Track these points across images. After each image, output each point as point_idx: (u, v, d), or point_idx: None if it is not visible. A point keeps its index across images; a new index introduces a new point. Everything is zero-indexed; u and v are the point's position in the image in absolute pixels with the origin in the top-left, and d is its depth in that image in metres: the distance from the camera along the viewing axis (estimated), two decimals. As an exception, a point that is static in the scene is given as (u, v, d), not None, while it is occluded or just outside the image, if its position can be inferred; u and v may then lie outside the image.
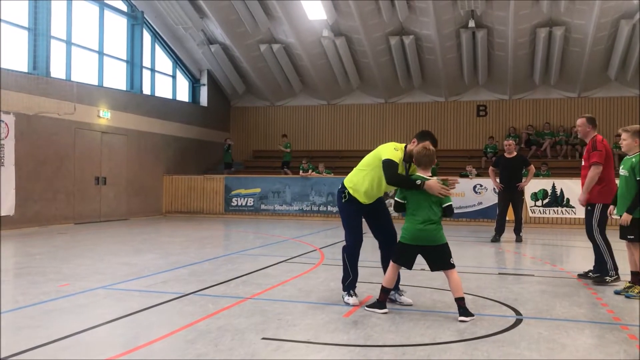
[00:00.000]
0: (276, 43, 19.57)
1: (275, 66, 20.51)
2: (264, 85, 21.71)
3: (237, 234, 13.51)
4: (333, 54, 19.52)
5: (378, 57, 19.42)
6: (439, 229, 5.17)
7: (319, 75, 20.75)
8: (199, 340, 4.30)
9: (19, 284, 6.74)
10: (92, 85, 15.87)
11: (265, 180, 18.21)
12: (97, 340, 4.44)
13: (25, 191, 13.26)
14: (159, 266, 7.89)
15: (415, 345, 4.29)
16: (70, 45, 15.34)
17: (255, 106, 22.86)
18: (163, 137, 18.83)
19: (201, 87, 21.65)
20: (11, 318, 5.06)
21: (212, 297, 5.88)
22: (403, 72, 20.16)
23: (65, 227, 14.01)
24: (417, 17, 17.63)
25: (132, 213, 17.06)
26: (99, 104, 15.86)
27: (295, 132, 22.07)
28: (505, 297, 6.03)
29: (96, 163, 15.71)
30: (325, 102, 22.01)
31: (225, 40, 19.56)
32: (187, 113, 20.53)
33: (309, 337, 4.48)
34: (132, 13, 17.92)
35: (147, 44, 18.92)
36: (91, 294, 5.99)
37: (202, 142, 21.16)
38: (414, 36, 18.38)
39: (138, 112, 17.52)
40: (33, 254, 9.18)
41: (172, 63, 20.54)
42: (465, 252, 10.10)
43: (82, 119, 14.94)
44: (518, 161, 11.50)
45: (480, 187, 16.17)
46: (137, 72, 17.92)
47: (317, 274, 7.44)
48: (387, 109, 21.61)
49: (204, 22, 18.96)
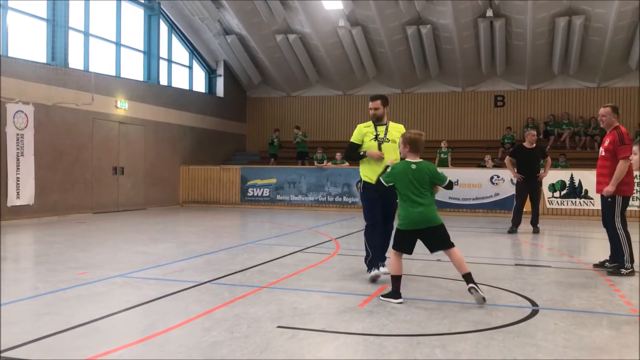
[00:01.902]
0: (292, 33, 19.54)
1: (291, 56, 20.48)
2: (280, 76, 21.71)
3: (253, 224, 13.57)
4: (349, 44, 19.44)
5: (395, 47, 19.30)
6: (433, 209, 5.26)
7: (335, 65, 20.69)
8: (215, 328, 4.34)
9: (39, 271, 6.85)
10: (109, 76, 15.98)
11: (281, 170, 18.25)
12: (115, 327, 4.50)
13: (44, 181, 13.42)
14: (176, 255, 7.96)
15: (431, 335, 4.29)
16: (88, 37, 15.46)
17: (271, 97, 22.88)
18: (180, 128, 18.93)
19: (217, 77, 21.70)
20: (31, 305, 5.14)
21: (228, 286, 5.92)
22: (420, 62, 20.03)
23: (83, 216, 14.18)
24: (434, 6, 17.47)
25: (149, 203, 17.20)
26: (117, 94, 15.98)
27: (311, 122, 22.06)
28: (522, 287, 5.99)
29: (114, 153, 15.85)
30: (341, 93, 21.95)
31: (241, 31, 19.57)
32: (204, 104, 20.61)
33: (324, 325, 4.50)
34: (148, 4, 17.98)
35: (164, 34, 19.00)
36: (109, 282, 6.06)
37: (218, 133, 21.24)
38: (431, 25, 18.23)
39: (155, 103, 17.63)
40: (52, 243, 9.31)
41: (189, 54, 20.61)
42: (482, 243, 10.05)
43: (99, 110, 15.07)
44: (537, 152, 11.40)
45: (497, 177, 16.05)
46: (154, 62, 18.01)
47: (332, 263, 7.46)
48: (404, 99, 21.50)
49: (220, 12, 18.97)
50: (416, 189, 5.21)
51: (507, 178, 15.43)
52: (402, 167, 5.30)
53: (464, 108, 20.93)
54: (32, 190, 13.02)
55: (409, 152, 5.33)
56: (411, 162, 5.27)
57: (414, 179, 5.22)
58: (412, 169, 5.24)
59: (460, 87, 20.84)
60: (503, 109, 20.66)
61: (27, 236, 10.61)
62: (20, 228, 11.47)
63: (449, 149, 18.09)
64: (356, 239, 10.41)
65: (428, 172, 5.27)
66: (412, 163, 5.27)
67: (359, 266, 7.18)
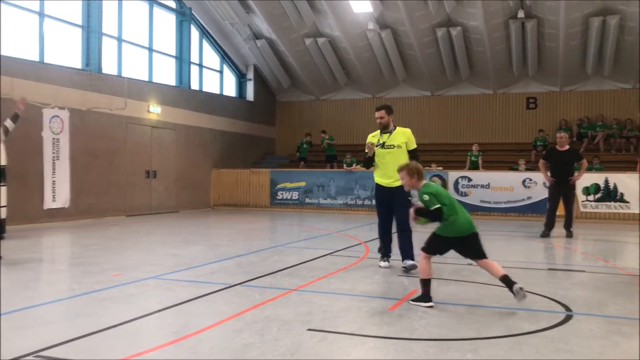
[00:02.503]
0: (321, 37, 19.60)
1: (320, 60, 20.54)
2: (309, 79, 21.78)
3: (282, 226, 13.63)
4: (378, 47, 19.41)
5: (424, 49, 19.20)
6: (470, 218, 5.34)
7: (364, 68, 20.67)
8: (245, 330, 4.37)
9: (74, 273, 7.00)
10: (142, 81, 16.26)
11: (310, 174, 18.29)
12: (148, 328, 4.57)
13: (79, 184, 13.70)
14: (207, 257, 8.04)
15: (462, 339, 4.25)
16: (121, 42, 15.75)
17: (300, 100, 22.97)
18: (211, 132, 19.14)
19: (247, 82, 21.89)
20: (67, 306, 5.26)
21: (259, 288, 5.96)
22: (450, 64, 19.88)
23: (117, 219, 14.43)
24: (464, 8, 17.34)
25: (181, 206, 17.43)
26: (149, 99, 16.24)
27: (339, 126, 22.07)
28: (555, 292, 5.89)
29: (146, 157, 16.11)
30: (370, 96, 21.92)
31: (271, 35, 19.70)
32: (234, 108, 20.80)
33: (354, 329, 4.49)
34: (180, 9, 18.25)
35: (195, 40, 19.25)
36: (142, 284, 6.16)
37: (248, 136, 21.41)
38: (461, 27, 18.10)
39: (186, 107, 17.86)
40: (87, 245, 9.50)
41: (219, 58, 20.83)
42: (514, 247, 9.91)
43: (132, 114, 15.34)
44: (570, 154, 11.19)
45: (530, 181, 15.82)
46: (186, 67, 18.26)
47: (362, 267, 7.44)
48: (434, 101, 21.36)
49: (250, 17, 19.14)
50: (453, 199, 5.33)
51: (540, 181, 15.19)
52: (431, 188, 5.32)
53: (495, 110, 20.70)
54: (67, 194, 13.30)
55: (418, 180, 5.42)
56: (429, 182, 5.43)
57: (445, 192, 5.36)
58: (435, 185, 5.40)
59: (491, 89, 20.62)
60: (535, 111, 20.36)
61: (63, 238, 10.85)
62: (56, 230, 11.73)
63: (479, 151, 17.90)
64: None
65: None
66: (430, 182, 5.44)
67: (389, 270, 7.16)
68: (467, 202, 16.00)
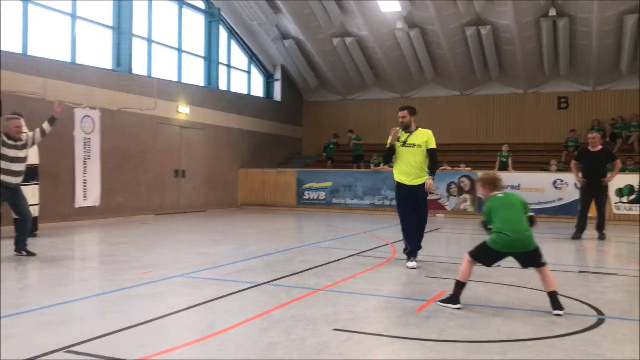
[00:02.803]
0: (349, 36, 19.57)
1: (347, 59, 20.51)
2: (336, 79, 21.77)
3: (309, 226, 13.64)
4: (407, 46, 19.30)
5: (453, 48, 19.03)
6: (530, 235, 5.13)
7: (392, 67, 20.57)
8: (272, 329, 4.38)
9: (104, 270, 7.11)
10: (171, 82, 16.45)
11: (337, 174, 18.28)
12: (175, 325, 4.62)
13: (110, 183, 13.92)
14: (234, 256, 8.09)
15: (490, 341, 4.19)
16: (151, 43, 15.95)
17: (327, 100, 22.97)
18: (238, 132, 19.26)
19: (275, 82, 21.98)
20: (97, 302, 5.34)
21: (285, 287, 5.97)
22: (479, 63, 19.67)
23: (146, 217, 14.62)
24: (494, 6, 17.13)
25: (209, 205, 17.58)
26: (178, 99, 16.42)
27: (367, 125, 21.99)
28: (586, 295, 5.78)
29: (175, 156, 16.29)
30: (398, 95, 21.80)
31: (298, 35, 19.74)
32: (261, 108, 20.90)
33: (381, 329, 4.47)
34: (209, 10, 18.41)
35: (223, 40, 19.39)
36: (170, 282, 6.22)
37: (275, 136, 21.49)
38: (491, 26, 17.88)
39: (214, 107, 18.01)
40: (117, 243, 9.64)
41: (247, 59, 20.95)
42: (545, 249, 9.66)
43: (162, 114, 15.53)
44: (603, 155, 10.96)
45: (561, 182, 15.55)
46: (214, 68, 18.41)
47: (389, 267, 7.40)
48: (463, 101, 21.16)
49: (278, 17, 19.21)
50: (514, 212, 5.13)
51: (571, 182, 14.89)
52: (492, 200, 5.23)
53: (525, 110, 20.40)
54: (98, 192, 13.52)
55: (491, 191, 5.31)
56: (497, 194, 5.25)
57: (509, 204, 5.17)
58: (504, 197, 5.22)
59: (521, 89, 20.33)
60: (567, 110, 20.01)
61: (93, 236, 11.03)
62: (87, 228, 11.94)
63: (509, 152, 17.65)
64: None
65: (519, 199, 5.26)
66: (499, 194, 5.25)
67: (417, 271, 7.10)
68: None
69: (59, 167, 12.54)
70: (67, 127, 12.70)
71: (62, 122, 12.40)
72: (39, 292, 5.83)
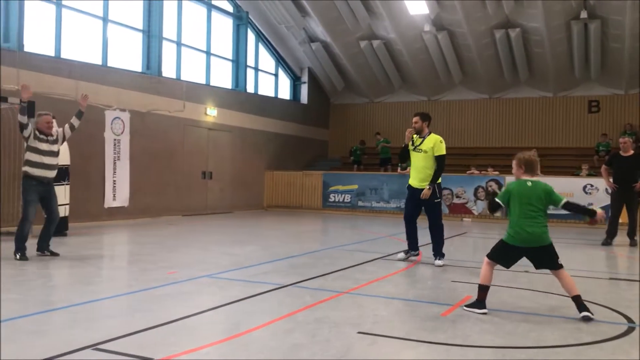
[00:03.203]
0: (376, 39, 19.53)
1: (374, 62, 20.48)
2: (363, 82, 21.74)
3: (334, 229, 13.63)
4: (434, 49, 19.19)
5: (482, 51, 18.86)
6: (545, 231, 5.05)
7: (420, 70, 20.48)
8: (296, 330, 4.39)
9: (132, 270, 7.21)
10: (199, 84, 16.62)
11: (363, 177, 18.25)
12: (202, 325, 4.66)
13: (138, 184, 14.10)
14: (260, 257, 8.14)
15: (516, 347, 4.14)
16: (180, 46, 16.15)
17: (354, 103, 22.95)
18: (265, 134, 19.36)
19: (302, 84, 22.05)
20: (125, 302, 5.42)
21: (310, 290, 5.98)
22: (508, 66, 19.46)
23: (173, 218, 14.78)
24: (524, 9, 16.93)
25: (235, 206, 17.70)
26: (206, 101, 16.58)
27: (394, 129, 21.90)
28: (617, 303, 5.66)
29: (203, 158, 16.45)
30: (425, 98, 21.68)
31: (325, 38, 19.78)
32: (288, 110, 20.98)
33: (405, 333, 4.45)
34: (237, 13, 18.56)
35: (251, 43, 19.53)
36: (197, 282, 6.28)
37: (301, 139, 21.54)
38: (520, 29, 17.68)
39: (242, 110, 18.14)
40: (145, 243, 9.78)
41: (275, 62, 21.07)
42: (574, 255, 9.59)
43: (190, 116, 15.69)
44: (635, 160, 10.74)
45: (591, 187, 15.28)
46: (242, 71, 18.55)
47: (414, 271, 7.37)
48: (491, 104, 20.95)
49: (305, 20, 19.28)
50: (532, 206, 5.04)
51: (602, 187, 14.63)
52: (516, 185, 5.18)
53: (555, 114, 20.11)
54: (127, 193, 13.68)
55: (524, 172, 5.21)
56: (527, 180, 5.16)
57: (529, 196, 5.07)
58: (528, 186, 5.12)
59: (551, 92, 20.05)
60: (598, 114, 19.66)
61: (122, 236, 11.20)
62: (116, 228, 12.12)
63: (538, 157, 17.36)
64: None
65: (544, 191, 5.12)
66: (528, 181, 5.15)
67: (443, 275, 7.06)
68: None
69: (90, 168, 12.76)
70: (98, 129, 12.91)
71: (93, 123, 12.67)
72: (70, 290, 5.94)
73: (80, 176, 12.14)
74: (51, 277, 6.75)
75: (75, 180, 11.58)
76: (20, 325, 4.39)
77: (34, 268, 6.94)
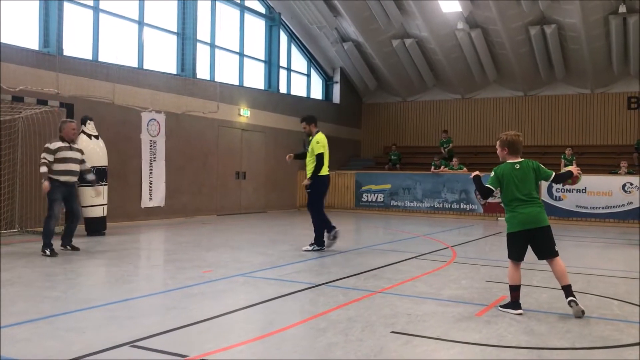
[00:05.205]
0: (409, 38, 19.42)
1: (407, 61, 20.35)
2: (396, 81, 21.63)
3: (367, 229, 13.61)
4: (468, 47, 18.98)
5: (517, 49, 18.57)
6: (541, 210, 5.12)
7: (453, 68, 20.28)
8: (329, 330, 4.41)
9: (168, 269, 7.34)
10: (233, 85, 16.78)
11: (396, 176, 18.16)
12: (235, 324, 4.72)
13: (174, 184, 14.34)
14: (293, 257, 8.18)
15: (553, 348, 4.07)
16: (214, 48, 16.33)
17: (386, 102, 22.85)
18: (297, 134, 19.37)
19: (334, 84, 22.05)
20: (161, 300, 5.52)
21: (343, 289, 5.99)
22: (544, 63, 19.11)
23: (208, 218, 14.97)
24: (559, 5, 16.61)
25: (269, 206, 17.82)
26: (240, 103, 16.74)
27: (427, 127, 21.77)
28: (658, 304, 5.52)
29: (237, 159, 16.61)
30: (459, 96, 21.46)
31: (358, 38, 19.75)
32: (321, 110, 20.97)
33: (439, 333, 4.42)
34: (269, 15, 18.68)
35: (284, 44, 19.62)
36: (231, 281, 6.36)
37: (334, 139, 21.37)
38: (556, 25, 17.34)
39: (275, 111, 18.25)
40: (180, 243, 9.93)
41: (307, 62, 21.12)
42: (613, 255, 9.38)
43: (224, 117, 15.86)
44: (676, 157, 10.45)
45: (631, 185, 14.90)
46: (275, 71, 18.66)
47: (448, 271, 7.31)
48: (526, 102, 20.61)
49: (337, 20, 19.28)
50: (524, 188, 5.09)
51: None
52: (504, 169, 5.16)
53: (592, 111, 19.67)
54: (163, 193, 13.96)
55: (508, 154, 5.21)
56: (514, 163, 5.17)
57: (520, 179, 5.10)
58: (516, 169, 5.13)
59: (588, 89, 19.62)
60: (638, 111, 19.16)
61: (158, 236, 11.39)
62: (152, 228, 12.34)
63: (573, 155, 17.04)
64: (474, 247, 10.13)
65: (533, 169, 5.15)
66: (515, 163, 5.16)
67: (477, 275, 6.99)
68: (561, 206, 15.41)
69: (127, 169, 13.03)
70: (135, 131, 13.18)
71: (130, 125, 12.97)
72: (107, 289, 6.08)
73: (117, 177, 12.40)
74: (89, 276, 6.92)
75: (113, 181, 11.85)
76: (60, 323, 4.52)
77: (74, 266, 7.12)
